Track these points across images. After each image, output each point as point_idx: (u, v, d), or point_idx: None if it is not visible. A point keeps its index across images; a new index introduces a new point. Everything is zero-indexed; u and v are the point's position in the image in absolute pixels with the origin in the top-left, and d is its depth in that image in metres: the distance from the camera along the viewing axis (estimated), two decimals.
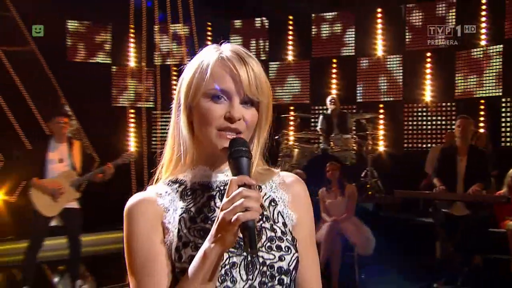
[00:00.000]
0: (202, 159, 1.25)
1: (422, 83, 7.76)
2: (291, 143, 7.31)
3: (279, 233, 1.22)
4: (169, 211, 1.23)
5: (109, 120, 8.86)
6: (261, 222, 1.23)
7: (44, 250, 5.52)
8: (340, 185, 5.69)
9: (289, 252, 1.21)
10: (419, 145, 7.80)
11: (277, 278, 1.20)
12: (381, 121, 7.92)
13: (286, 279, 1.20)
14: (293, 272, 1.22)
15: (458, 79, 7.64)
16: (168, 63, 8.93)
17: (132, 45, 9.08)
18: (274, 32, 8.49)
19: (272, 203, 1.27)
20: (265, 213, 1.24)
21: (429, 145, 7.57)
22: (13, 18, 8.15)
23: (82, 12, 8.94)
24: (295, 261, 1.22)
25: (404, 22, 7.87)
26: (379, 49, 8.00)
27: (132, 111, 8.98)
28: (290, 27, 8.33)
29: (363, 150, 6.97)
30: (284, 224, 1.25)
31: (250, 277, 1.18)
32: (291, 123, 7.92)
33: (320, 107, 7.70)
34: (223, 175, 1.22)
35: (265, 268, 1.19)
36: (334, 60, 8.14)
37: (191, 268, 1.13)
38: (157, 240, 1.21)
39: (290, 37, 8.35)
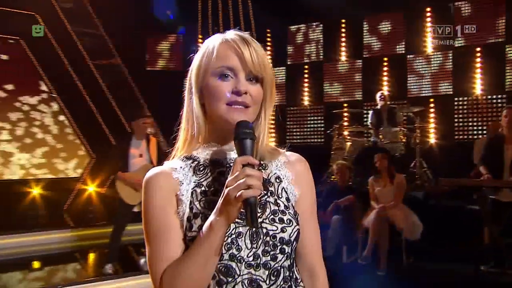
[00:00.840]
0: (214, 137, 1.25)
1: (472, 77, 7.55)
2: (343, 137, 7.38)
3: (282, 207, 1.23)
4: (183, 184, 1.23)
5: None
6: (266, 196, 1.23)
7: (129, 234, 5.72)
8: (389, 175, 5.73)
9: (291, 224, 1.21)
10: (470, 136, 7.61)
11: (279, 248, 1.20)
12: (432, 115, 7.76)
13: (287, 249, 1.21)
14: (294, 243, 1.22)
15: (508, 72, 7.41)
16: None
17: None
18: (328, 35, 8.54)
19: (277, 180, 1.27)
20: (270, 188, 1.24)
21: (480, 136, 7.40)
22: (101, 35, 8.76)
23: (158, 28, 9.45)
24: (296, 232, 1.22)
25: (453, 19, 7.73)
26: (429, 46, 7.87)
27: None
28: (343, 30, 8.40)
29: (411, 142, 6.92)
30: (287, 199, 1.25)
31: (254, 246, 1.19)
32: (345, 118, 7.98)
33: (372, 103, 7.74)
34: (233, 152, 1.21)
35: (268, 238, 1.19)
36: (385, 59, 8.09)
37: (198, 238, 1.15)
38: (171, 210, 1.21)
39: (343, 39, 8.40)
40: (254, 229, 1.18)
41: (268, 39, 8.95)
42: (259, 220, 1.16)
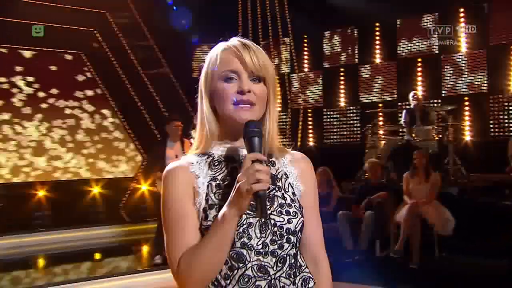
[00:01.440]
0: (226, 136, 1.29)
1: (507, 75, 7.33)
2: (376, 136, 7.36)
3: (288, 201, 1.26)
4: (199, 178, 1.26)
5: None
6: (274, 191, 1.26)
7: None
8: (425, 172, 5.67)
9: (296, 216, 1.25)
10: (506, 133, 7.37)
11: (285, 237, 1.23)
12: (467, 112, 7.59)
13: (292, 238, 1.24)
14: (299, 233, 1.26)
15: None
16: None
17: None
18: (362, 38, 8.51)
19: (284, 176, 1.30)
20: (277, 183, 1.28)
21: None
22: (151, 47, 9.01)
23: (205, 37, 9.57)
24: (300, 224, 1.25)
25: (486, 19, 7.53)
26: (463, 45, 7.70)
27: None
28: (377, 33, 8.36)
29: (444, 139, 6.84)
30: (293, 194, 1.28)
31: (263, 235, 1.21)
32: (380, 118, 7.94)
33: (407, 103, 7.69)
34: (245, 149, 1.21)
35: (275, 229, 1.22)
36: (419, 59, 7.98)
37: (213, 227, 1.18)
38: (188, 201, 1.24)
39: (377, 42, 8.34)
40: (263, 219, 1.21)
41: (305, 44, 9.01)
42: (268, 212, 1.20)
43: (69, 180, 8.26)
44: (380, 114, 7.88)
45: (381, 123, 7.83)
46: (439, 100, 7.77)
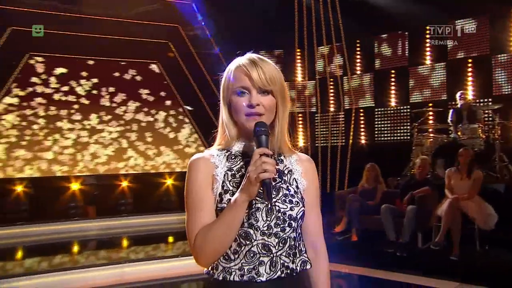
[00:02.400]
0: (242, 135, 1.38)
1: None
2: (423, 134, 7.25)
3: (292, 192, 1.34)
4: (218, 168, 1.34)
5: None
6: (280, 183, 1.34)
7: None
8: (468, 169, 5.60)
9: (298, 205, 1.33)
10: None
11: (287, 222, 1.31)
12: None
13: (293, 224, 1.32)
14: (300, 220, 1.33)
15: None
16: (325, 77, 9.08)
17: (298, 64, 9.49)
18: (413, 41, 8.37)
19: (290, 172, 1.39)
20: (284, 178, 1.36)
21: None
22: (217, 54, 9.33)
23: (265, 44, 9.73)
24: (301, 212, 1.33)
25: None
26: None
27: (300, 115, 9.31)
28: (427, 36, 8.17)
29: (491, 137, 6.62)
30: (297, 187, 1.37)
31: (268, 219, 1.29)
32: (430, 117, 7.80)
33: (455, 103, 7.50)
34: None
35: (279, 214, 1.30)
36: (470, 60, 7.71)
37: (226, 209, 1.26)
38: (207, 187, 1.32)
39: (428, 44, 8.15)
40: (269, 205, 1.29)
41: (358, 48, 9.00)
42: (274, 199, 1.29)
43: (147, 172, 8.93)
44: (430, 113, 7.75)
45: (431, 122, 7.71)
46: (489, 99, 7.48)
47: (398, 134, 8.47)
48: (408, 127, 8.14)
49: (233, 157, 1.37)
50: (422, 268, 5.11)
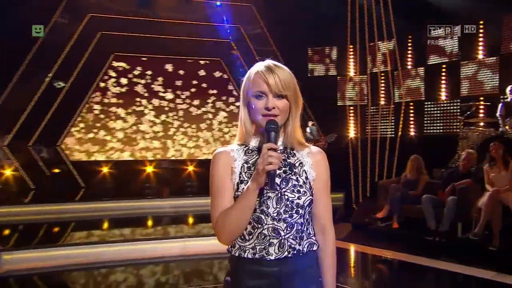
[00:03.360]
0: (258, 132, 1.42)
1: None
2: (469, 127, 6.99)
3: (300, 183, 1.38)
4: (236, 160, 1.40)
5: (335, 115, 9.43)
6: (290, 175, 1.39)
7: None
8: (503, 161, 5.47)
9: (305, 195, 1.37)
10: None
11: (295, 209, 1.36)
12: None
13: (301, 211, 1.37)
14: (307, 208, 1.38)
15: None
16: (376, 71, 9.05)
17: (351, 59, 9.43)
18: (465, 35, 7.92)
19: (301, 164, 1.42)
20: (294, 170, 1.40)
21: None
22: (274, 51, 9.29)
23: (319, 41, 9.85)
24: (309, 201, 1.38)
25: None
26: None
27: (351, 108, 9.43)
28: (481, 30, 7.81)
29: None
30: (306, 178, 1.40)
31: (278, 206, 1.35)
32: (481, 111, 7.47)
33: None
34: None
35: (288, 202, 1.35)
36: None
37: (240, 196, 1.34)
38: (227, 177, 1.39)
39: (481, 38, 7.80)
40: (279, 194, 1.35)
41: (409, 43, 8.78)
42: (283, 189, 1.35)
43: (208, 159, 9.55)
44: (481, 107, 7.45)
45: (481, 115, 7.42)
46: None
47: (447, 127, 8.23)
48: (457, 121, 7.89)
49: (250, 152, 1.42)
50: (460, 257, 5.07)
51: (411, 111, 8.77)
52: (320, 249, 1.44)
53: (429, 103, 8.56)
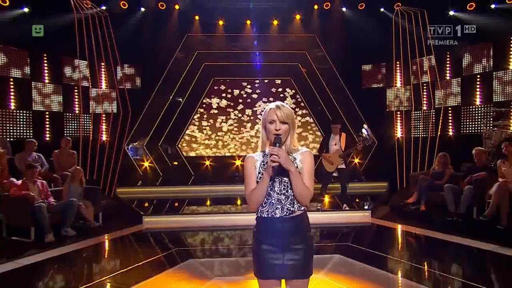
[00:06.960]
0: (271, 144, 1.71)
1: None
2: (492, 128, 6.91)
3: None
4: (257, 161, 1.74)
5: (384, 119, 9.37)
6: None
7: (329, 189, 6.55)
8: None
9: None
10: None
11: (288, 188, 1.70)
12: None
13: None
14: None
15: None
16: (418, 82, 8.90)
17: (398, 73, 9.27)
18: (497, 50, 7.68)
19: (294, 160, 1.72)
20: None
21: None
22: (333, 70, 9.87)
23: (368, 57, 9.50)
24: None
25: None
26: None
27: (398, 113, 9.34)
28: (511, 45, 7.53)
29: None
30: (296, 167, 1.68)
31: (281, 186, 1.71)
32: None
33: None
34: None
35: (286, 183, 1.71)
36: None
37: (260, 181, 1.68)
38: (253, 171, 1.73)
39: (511, 52, 7.46)
40: (281, 179, 1.67)
41: (448, 58, 8.68)
42: (283, 176, 1.67)
43: None
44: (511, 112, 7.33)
45: None
46: None
47: (480, 129, 8.18)
48: (485, 123, 7.80)
49: (265, 155, 1.75)
50: (474, 234, 5.25)
51: (450, 115, 8.78)
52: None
53: (465, 107, 8.39)
